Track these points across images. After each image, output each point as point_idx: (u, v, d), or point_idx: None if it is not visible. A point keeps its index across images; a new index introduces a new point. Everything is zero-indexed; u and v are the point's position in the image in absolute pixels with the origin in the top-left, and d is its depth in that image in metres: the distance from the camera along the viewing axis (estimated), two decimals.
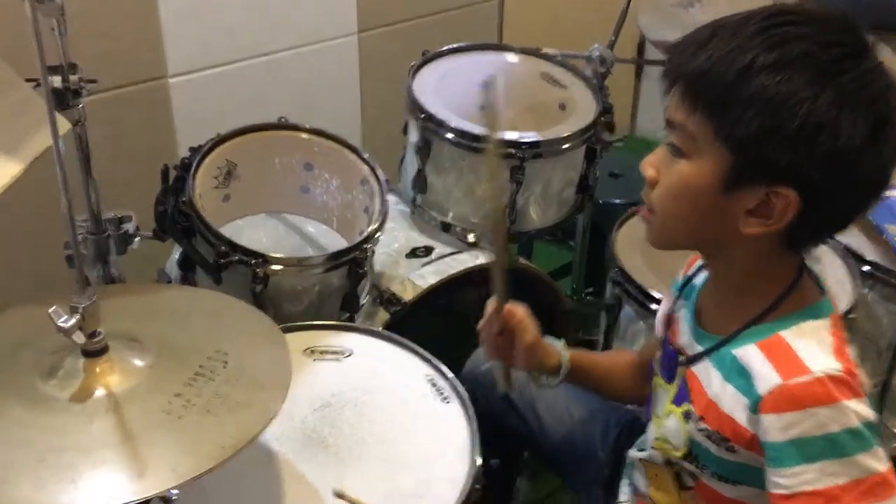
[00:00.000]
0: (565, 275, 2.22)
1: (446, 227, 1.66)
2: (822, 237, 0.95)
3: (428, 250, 1.65)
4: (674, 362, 1.02)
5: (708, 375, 0.95)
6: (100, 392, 0.89)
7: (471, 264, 1.59)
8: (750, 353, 0.89)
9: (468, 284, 1.59)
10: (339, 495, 1.04)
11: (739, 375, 0.89)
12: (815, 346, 0.86)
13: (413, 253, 1.64)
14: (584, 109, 1.66)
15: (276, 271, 1.34)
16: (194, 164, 1.40)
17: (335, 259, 1.37)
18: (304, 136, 1.55)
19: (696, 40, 0.86)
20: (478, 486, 1.07)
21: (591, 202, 1.74)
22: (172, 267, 1.55)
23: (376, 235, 1.42)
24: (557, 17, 2.89)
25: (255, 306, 1.33)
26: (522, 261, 1.66)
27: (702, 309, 1.01)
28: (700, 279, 1.05)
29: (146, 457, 0.82)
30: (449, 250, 1.64)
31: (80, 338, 0.88)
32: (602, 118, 1.62)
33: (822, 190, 0.83)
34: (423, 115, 1.56)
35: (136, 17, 1.78)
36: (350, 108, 2.59)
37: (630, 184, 1.68)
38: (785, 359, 0.86)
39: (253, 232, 1.58)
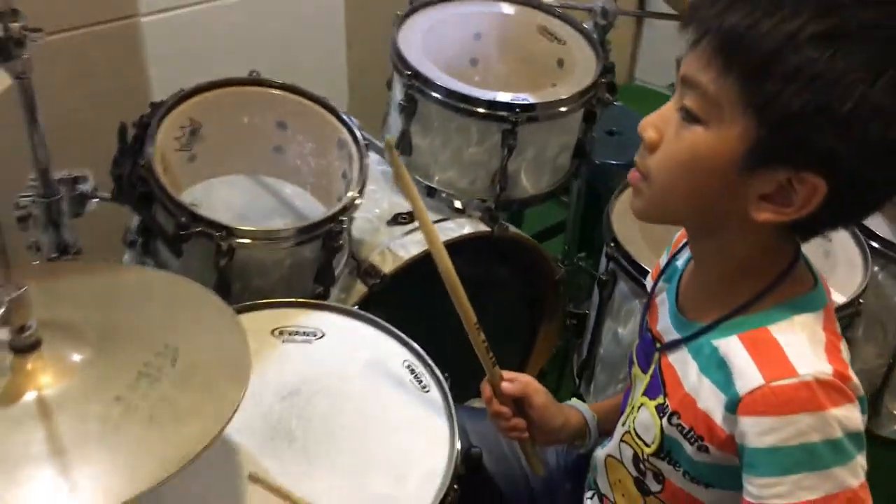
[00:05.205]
0: (557, 233, 2.12)
1: (431, 193, 1.55)
2: (833, 228, 0.83)
3: (411, 217, 1.54)
4: (651, 349, 0.93)
5: (685, 366, 0.86)
6: (29, 395, 0.79)
7: (457, 234, 1.49)
8: (731, 346, 0.80)
9: (454, 255, 1.48)
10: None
11: (718, 369, 0.80)
12: (805, 344, 0.77)
13: (395, 219, 1.54)
14: (584, 67, 1.53)
15: (242, 244, 1.23)
16: (154, 124, 1.27)
17: (308, 232, 1.25)
18: (276, 92, 1.41)
19: None
20: (456, 487, 0.99)
21: (587, 167, 1.63)
22: None
23: (353, 205, 1.31)
24: None
25: (219, 281, 1.24)
26: (512, 229, 1.56)
27: (683, 293, 0.91)
28: (683, 260, 0.95)
29: (76, 476, 0.73)
30: (434, 217, 1.54)
31: (5, 334, 0.79)
32: (603, 78, 1.49)
33: (855, 181, 0.73)
34: (408, 72, 1.43)
35: None
36: (335, 54, 2.46)
37: (629, 143, 1.56)
38: (770, 357, 0.77)
39: (225, 193, 1.47)
